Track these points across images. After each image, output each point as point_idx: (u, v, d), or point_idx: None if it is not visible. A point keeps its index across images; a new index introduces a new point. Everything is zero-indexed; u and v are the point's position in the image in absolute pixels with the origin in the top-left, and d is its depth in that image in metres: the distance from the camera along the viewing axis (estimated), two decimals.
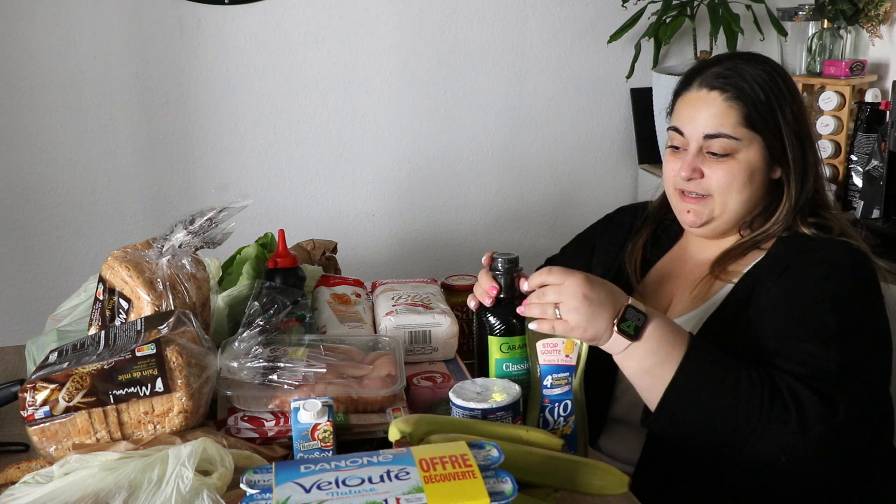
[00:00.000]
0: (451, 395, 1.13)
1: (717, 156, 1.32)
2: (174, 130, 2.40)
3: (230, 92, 2.41)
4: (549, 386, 1.18)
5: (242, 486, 0.86)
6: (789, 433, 1.12)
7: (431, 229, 2.66)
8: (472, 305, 1.28)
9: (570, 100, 2.68)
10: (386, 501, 0.81)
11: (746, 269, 1.33)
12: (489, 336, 1.25)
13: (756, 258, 1.34)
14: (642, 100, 2.67)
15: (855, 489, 1.30)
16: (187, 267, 1.27)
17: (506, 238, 2.72)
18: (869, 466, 1.30)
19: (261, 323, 1.20)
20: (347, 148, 2.54)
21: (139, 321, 1.20)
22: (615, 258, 1.51)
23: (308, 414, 1.07)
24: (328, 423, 1.07)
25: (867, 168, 2.22)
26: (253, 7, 2.37)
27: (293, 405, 1.08)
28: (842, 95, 2.38)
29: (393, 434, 1.03)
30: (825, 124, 2.38)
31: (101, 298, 1.28)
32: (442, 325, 1.36)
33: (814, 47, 2.49)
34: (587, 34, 2.63)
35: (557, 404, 1.18)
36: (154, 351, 1.09)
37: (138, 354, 1.09)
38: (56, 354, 1.17)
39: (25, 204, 2.35)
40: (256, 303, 1.26)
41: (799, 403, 1.12)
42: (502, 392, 1.13)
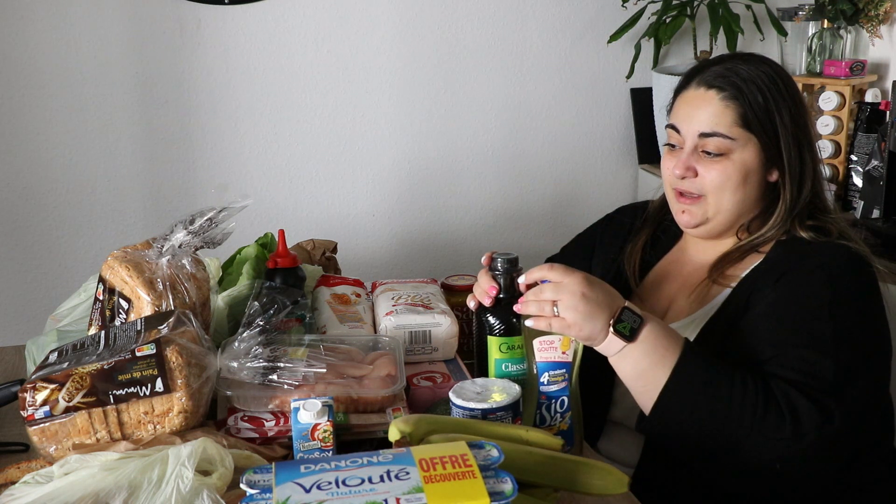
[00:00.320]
0: (451, 395, 1.13)
1: (712, 155, 1.31)
2: (174, 130, 2.40)
3: (230, 92, 2.41)
4: (546, 383, 1.18)
5: (242, 486, 0.86)
6: (783, 440, 1.12)
7: (431, 229, 2.66)
8: (472, 305, 1.28)
9: (570, 100, 2.68)
10: (386, 501, 0.81)
11: (744, 274, 1.32)
12: (489, 336, 1.25)
13: (754, 262, 1.33)
14: (642, 100, 2.67)
15: (855, 491, 1.29)
16: (187, 267, 1.27)
17: (506, 238, 2.72)
18: (869, 468, 1.30)
19: (261, 323, 1.20)
20: (347, 148, 2.54)
21: (139, 321, 1.20)
22: (615, 259, 1.51)
23: (308, 414, 1.06)
24: (328, 423, 1.07)
25: (867, 168, 2.22)
26: (253, 7, 2.37)
27: (293, 405, 1.08)
28: (842, 95, 2.37)
29: (393, 434, 1.03)
30: (825, 124, 2.38)
31: (101, 298, 1.28)
32: (442, 325, 1.36)
33: (814, 47, 2.49)
34: (587, 34, 2.63)
35: (554, 401, 1.18)
36: (154, 351, 1.09)
37: (138, 354, 1.09)
38: (56, 354, 1.17)
39: (25, 204, 2.35)
40: (256, 303, 1.26)
41: (794, 411, 1.12)
42: (502, 392, 1.13)
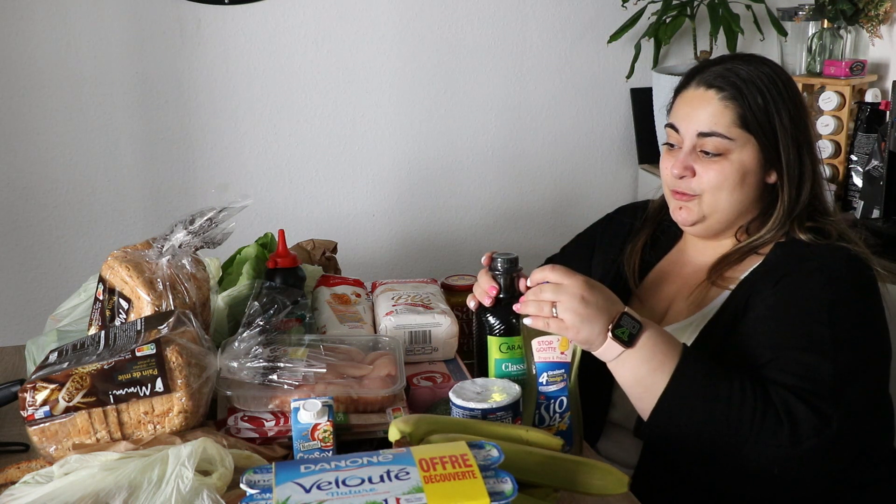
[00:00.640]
0: (451, 395, 1.13)
1: (710, 155, 1.31)
2: (174, 130, 2.40)
3: (230, 92, 2.41)
4: (545, 383, 1.18)
5: (242, 486, 0.86)
6: (781, 446, 1.12)
7: (431, 229, 2.66)
8: (472, 305, 1.28)
9: (570, 100, 2.68)
10: (386, 501, 0.81)
11: (743, 276, 1.32)
12: (489, 336, 1.25)
13: (753, 264, 1.32)
14: (642, 100, 2.67)
15: (855, 492, 1.29)
16: (187, 267, 1.27)
17: (506, 238, 2.72)
18: (869, 469, 1.29)
19: (261, 323, 1.20)
20: (347, 148, 2.54)
21: (139, 321, 1.20)
22: (615, 259, 1.51)
23: (308, 414, 1.06)
24: (328, 423, 1.07)
25: (867, 168, 2.22)
26: (253, 7, 2.37)
27: (293, 405, 1.08)
28: (842, 95, 2.37)
29: (393, 434, 1.03)
30: (825, 124, 2.38)
31: (101, 298, 1.28)
32: (442, 325, 1.36)
33: (814, 47, 2.49)
34: (587, 34, 2.63)
35: (553, 401, 1.18)
36: (154, 351, 1.09)
37: (138, 354, 1.09)
38: (56, 354, 1.17)
39: (25, 204, 2.35)
40: (256, 303, 1.26)
41: (792, 417, 1.12)
42: (502, 392, 1.13)
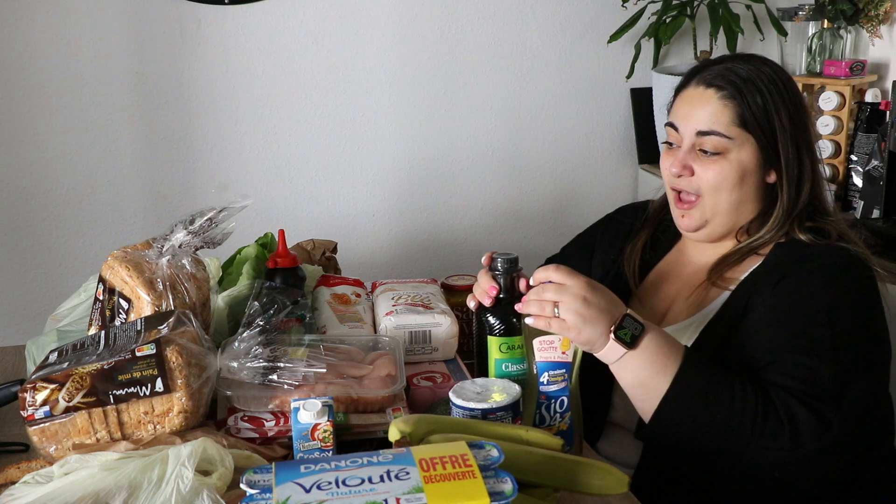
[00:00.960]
0: (451, 395, 1.13)
1: (709, 154, 1.31)
2: (174, 130, 2.40)
3: (230, 92, 2.41)
4: (546, 383, 1.18)
5: (242, 486, 0.86)
6: (782, 450, 1.12)
7: (431, 229, 2.66)
8: (472, 305, 1.28)
9: (570, 100, 2.68)
10: (386, 501, 0.81)
11: (743, 276, 1.32)
12: (489, 336, 1.25)
13: (753, 265, 1.32)
14: (642, 100, 2.67)
15: (855, 491, 1.29)
16: (187, 267, 1.27)
17: (506, 238, 2.72)
18: (870, 469, 1.29)
19: (261, 323, 1.20)
20: (347, 148, 2.54)
21: (139, 321, 1.20)
22: (615, 260, 1.51)
23: (308, 414, 1.06)
24: (328, 423, 1.07)
25: (867, 168, 2.22)
26: (253, 7, 2.37)
27: (293, 405, 1.08)
28: (842, 95, 2.37)
29: (393, 434, 1.03)
30: (825, 124, 2.38)
31: (101, 298, 1.28)
32: (442, 325, 1.36)
33: (814, 47, 2.49)
34: (587, 34, 2.63)
35: (554, 401, 1.18)
36: (154, 351, 1.09)
37: (138, 354, 1.09)
38: (56, 354, 1.17)
39: (25, 204, 2.35)
40: (256, 303, 1.26)
41: (793, 421, 1.12)
42: (502, 392, 1.13)
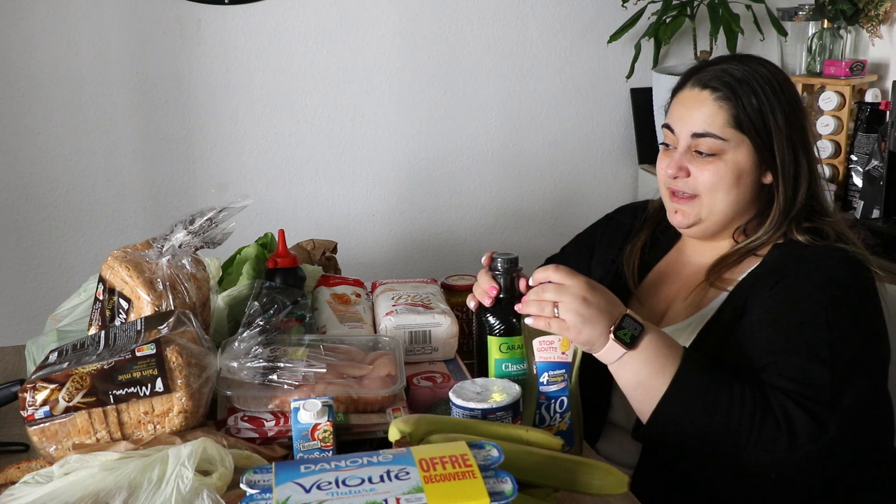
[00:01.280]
0: (451, 395, 1.13)
1: (704, 155, 1.31)
2: (174, 130, 2.40)
3: (230, 92, 2.41)
4: (546, 383, 1.18)
5: (242, 486, 0.86)
6: (779, 452, 1.12)
7: (431, 229, 2.66)
8: (472, 305, 1.28)
9: (570, 100, 2.68)
10: (386, 501, 0.81)
11: (741, 277, 1.32)
12: (489, 336, 1.25)
13: (751, 265, 1.32)
14: (642, 100, 2.67)
15: (854, 492, 1.29)
16: (187, 267, 1.27)
17: (506, 238, 2.72)
18: (869, 470, 1.29)
19: (261, 323, 1.20)
20: (347, 148, 2.54)
21: (139, 321, 1.20)
22: (614, 260, 1.51)
23: (308, 414, 1.06)
24: (328, 423, 1.07)
25: (867, 168, 2.23)
26: (253, 7, 2.37)
27: (293, 405, 1.08)
28: (842, 95, 2.37)
29: (393, 434, 1.03)
30: (825, 124, 2.38)
31: (101, 298, 1.28)
32: (442, 325, 1.36)
33: (814, 47, 2.49)
34: (587, 34, 2.63)
35: (554, 401, 1.18)
36: (154, 351, 1.09)
37: (138, 354, 1.09)
38: (56, 354, 1.17)
39: (25, 204, 2.35)
40: (256, 303, 1.26)
41: (790, 423, 1.12)
42: (502, 392, 1.13)
